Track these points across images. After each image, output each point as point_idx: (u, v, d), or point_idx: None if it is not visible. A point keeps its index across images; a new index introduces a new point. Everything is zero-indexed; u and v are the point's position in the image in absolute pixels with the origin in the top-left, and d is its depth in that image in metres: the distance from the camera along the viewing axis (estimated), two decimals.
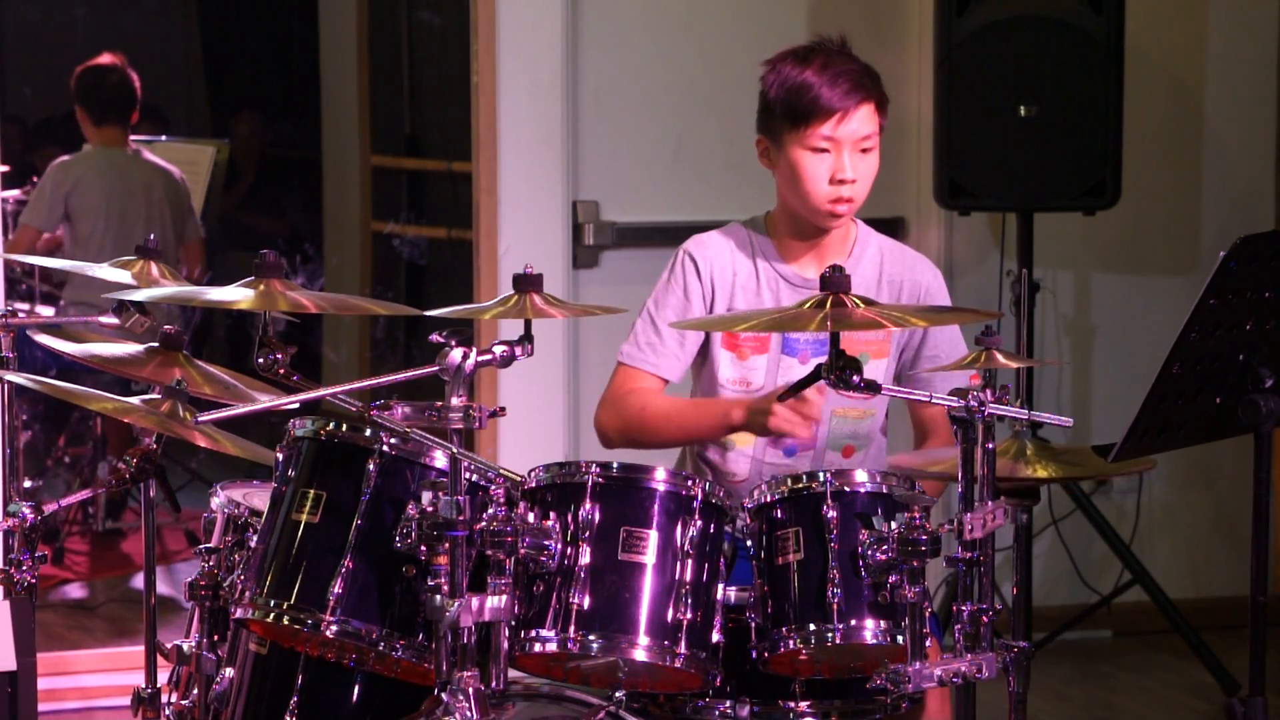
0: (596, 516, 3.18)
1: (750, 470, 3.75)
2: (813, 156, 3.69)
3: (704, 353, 3.79)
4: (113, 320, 3.81)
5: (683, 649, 3.16)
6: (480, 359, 3.11)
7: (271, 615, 3.23)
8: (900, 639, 3.12)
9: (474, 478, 3.18)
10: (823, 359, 3.15)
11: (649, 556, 3.17)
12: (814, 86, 3.67)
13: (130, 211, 7.11)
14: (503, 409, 3.22)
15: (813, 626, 3.16)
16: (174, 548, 7.05)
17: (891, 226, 5.65)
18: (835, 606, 3.15)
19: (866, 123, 3.70)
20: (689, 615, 3.16)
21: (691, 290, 3.77)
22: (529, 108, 5.60)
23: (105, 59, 7.26)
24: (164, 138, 8.42)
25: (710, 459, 3.79)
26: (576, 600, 3.14)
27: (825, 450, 3.76)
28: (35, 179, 7.31)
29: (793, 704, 3.28)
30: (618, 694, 3.30)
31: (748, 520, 3.28)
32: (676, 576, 3.17)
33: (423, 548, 3.07)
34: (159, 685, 3.73)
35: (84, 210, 7.06)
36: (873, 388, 3.14)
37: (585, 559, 3.16)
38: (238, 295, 3.21)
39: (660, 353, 3.77)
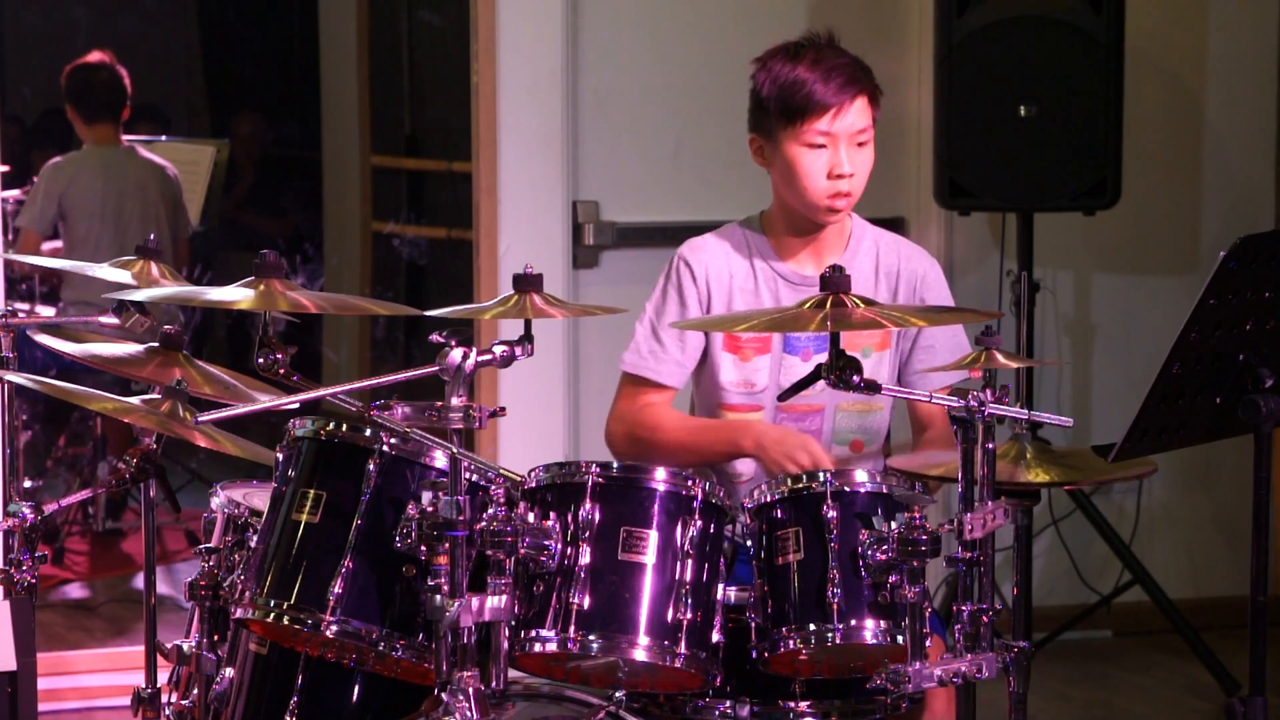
0: (596, 516, 3.18)
1: (755, 469, 3.75)
2: (809, 152, 3.69)
3: (704, 356, 3.79)
4: (113, 320, 3.81)
5: (683, 649, 3.16)
6: (480, 359, 3.11)
7: (271, 615, 3.23)
8: (900, 639, 3.12)
9: (474, 478, 3.18)
10: (824, 357, 3.15)
11: (649, 556, 3.17)
12: (807, 83, 3.67)
13: (126, 209, 7.11)
14: (503, 409, 3.22)
15: (813, 626, 3.16)
16: (174, 548, 7.05)
17: (891, 226, 5.58)
18: (835, 606, 3.15)
19: (861, 116, 3.70)
20: (689, 615, 3.16)
21: (688, 296, 3.76)
22: (529, 108, 5.60)
23: (93, 57, 7.26)
24: (164, 138, 8.42)
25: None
26: (576, 600, 3.14)
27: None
28: (35, 179, 7.32)
29: (793, 704, 3.28)
30: (618, 694, 3.30)
31: (748, 520, 3.28)
32: (676, 576, 3.17)
33: (423, 548, 3.07)
34: (159, 685, 3.73)
35: (79, 210, 7.06)
36: (872, 388, 3.14)
37: (585, 559, 3.16)
38: (238, 295, 3.21)
39: (662, 360, 3.76)
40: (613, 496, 3.20)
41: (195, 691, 3.55)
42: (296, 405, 3.21)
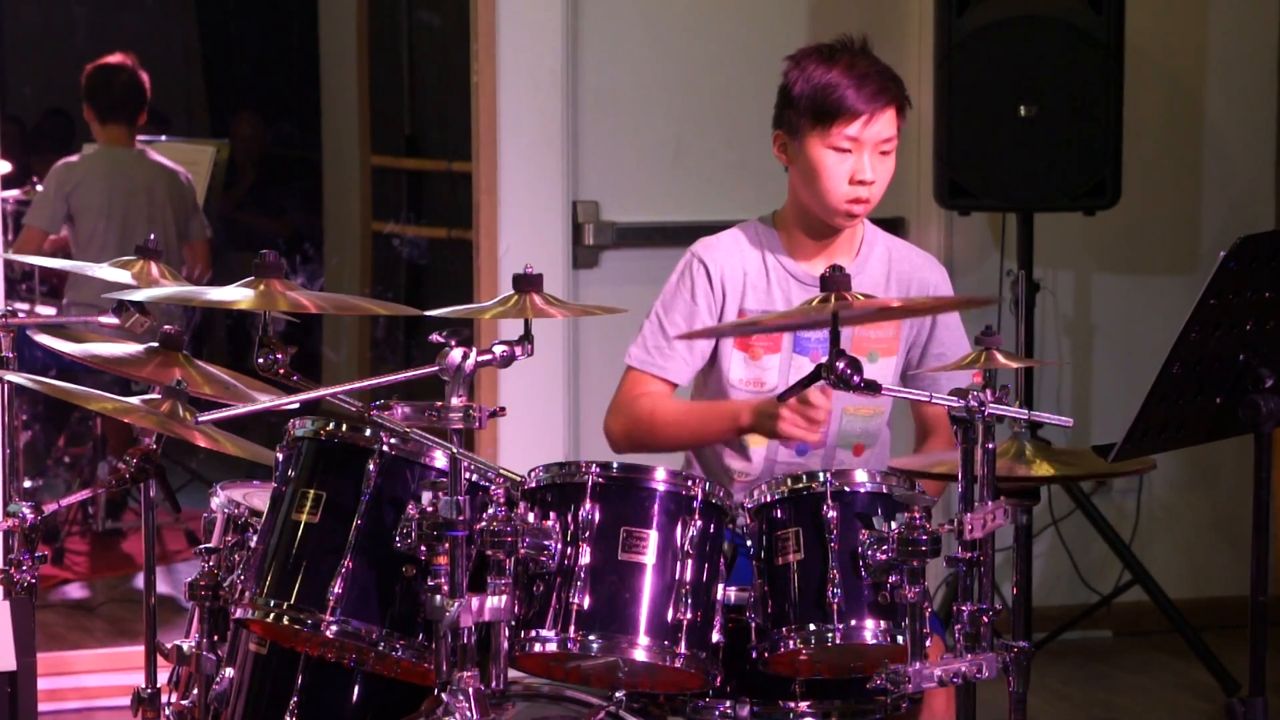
0: (596, 516, 3.19)
1: (763, 470, 3.75)
2: (834, 155, 3.69)
3: (713, 354, 3.79)
4: (113, 320, 3.81)
5: (683, 649, 3.16)
6: (480, 359, 3.11)
7: (271, 615, 3.23)
8: (900, 639, 3.12)
9: (474, 478, 3.18)
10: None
11: (649, 556, 3.17)
12: (841, 86, 3.67)
13: (132, 211, 7.11)
14: (503, 409, 3.22)
15: (813, 626, 3.16)
16: (174, 548, 7.05)
17: (891, 226, 5.60)
18: (835, 606, 3.15)
19: (888, 126, 3.71)
20: (689, 615, 3.16)
21: (700, 295, 3.76)
22: (529, 108, 5.60)
23: (116, 58, 7.27)
24: (164, 137, 8.42)
25: (724, 459, 3.78)
26: (576, 600, 3.14)
27: (836, 449, 3.76)
28: (35, 179, 7.32)
29: (793, 704, 3.28)
30: (618, 694, 3.30)
31: (748, 520, 3.28)
32: (676, 576, 3.17)
33: (423, 548, 3.08)
34: (159, 685, 3.73)
35: (86, 210, 7.06)
36: (872, 388, 3.14)
37: (585, 559, 3.16)
38: (238, 295, 3.21)
39: (669, 357, 3.76)
40: (613, 496, 3.20)
41: (195, 691, 3.55)
42: (296, 405, 3.21)
